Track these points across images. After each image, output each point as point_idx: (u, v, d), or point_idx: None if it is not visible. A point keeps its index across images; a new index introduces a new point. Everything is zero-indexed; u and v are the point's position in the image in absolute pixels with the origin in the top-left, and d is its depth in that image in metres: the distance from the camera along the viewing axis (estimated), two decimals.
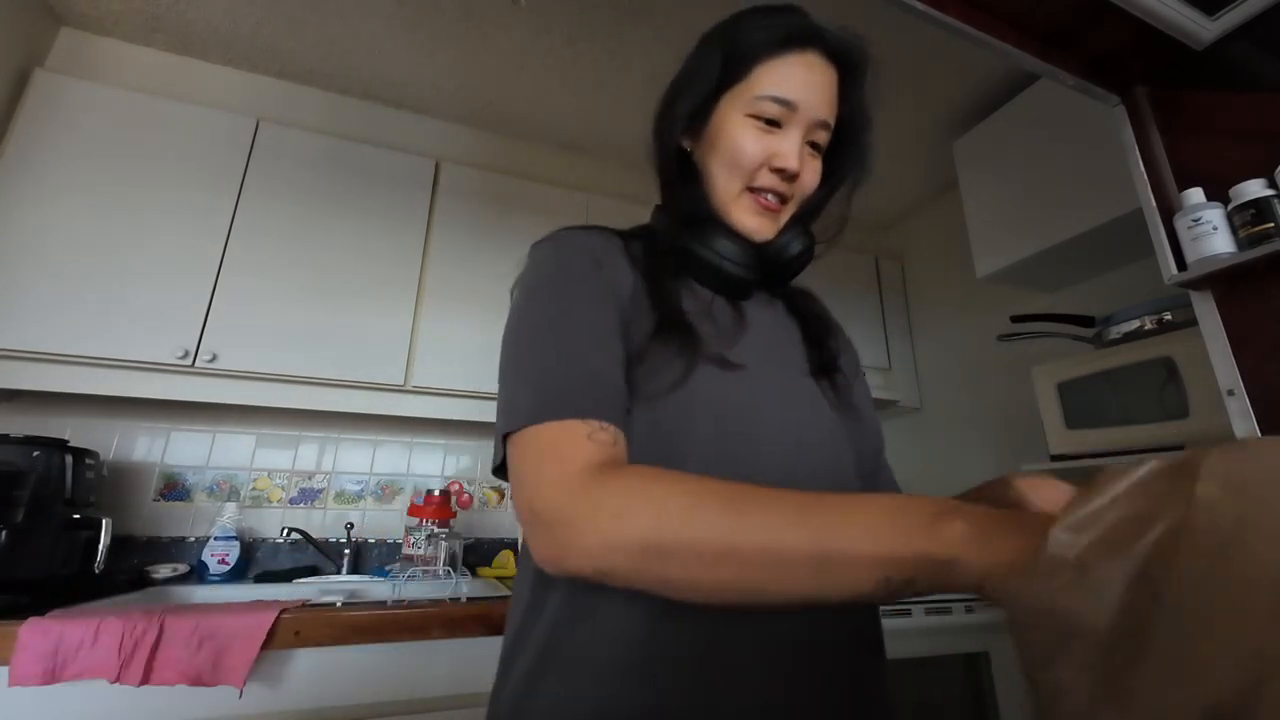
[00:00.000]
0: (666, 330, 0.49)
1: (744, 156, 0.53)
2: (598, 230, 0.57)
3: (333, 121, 1.78)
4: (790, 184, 0.54)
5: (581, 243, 0.53)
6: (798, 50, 0.52)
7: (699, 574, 0.33)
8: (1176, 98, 1.00)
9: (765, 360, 0.53)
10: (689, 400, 0.47)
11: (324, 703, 1.01)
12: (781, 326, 0.60)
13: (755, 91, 0.52)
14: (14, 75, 1.39)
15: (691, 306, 0.53)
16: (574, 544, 0.36)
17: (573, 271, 0.50)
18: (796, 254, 0.58)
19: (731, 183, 0.54)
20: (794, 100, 0.52)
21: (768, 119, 0.52)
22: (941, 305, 2.24)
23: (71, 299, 1.27)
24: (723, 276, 0.55)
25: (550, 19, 1.53)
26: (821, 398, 0.55)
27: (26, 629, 0.88)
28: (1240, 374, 0.88)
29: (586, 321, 0.47)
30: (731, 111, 0.54)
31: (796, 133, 0.53)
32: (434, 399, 1.55)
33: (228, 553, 1.43)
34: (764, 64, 0.53)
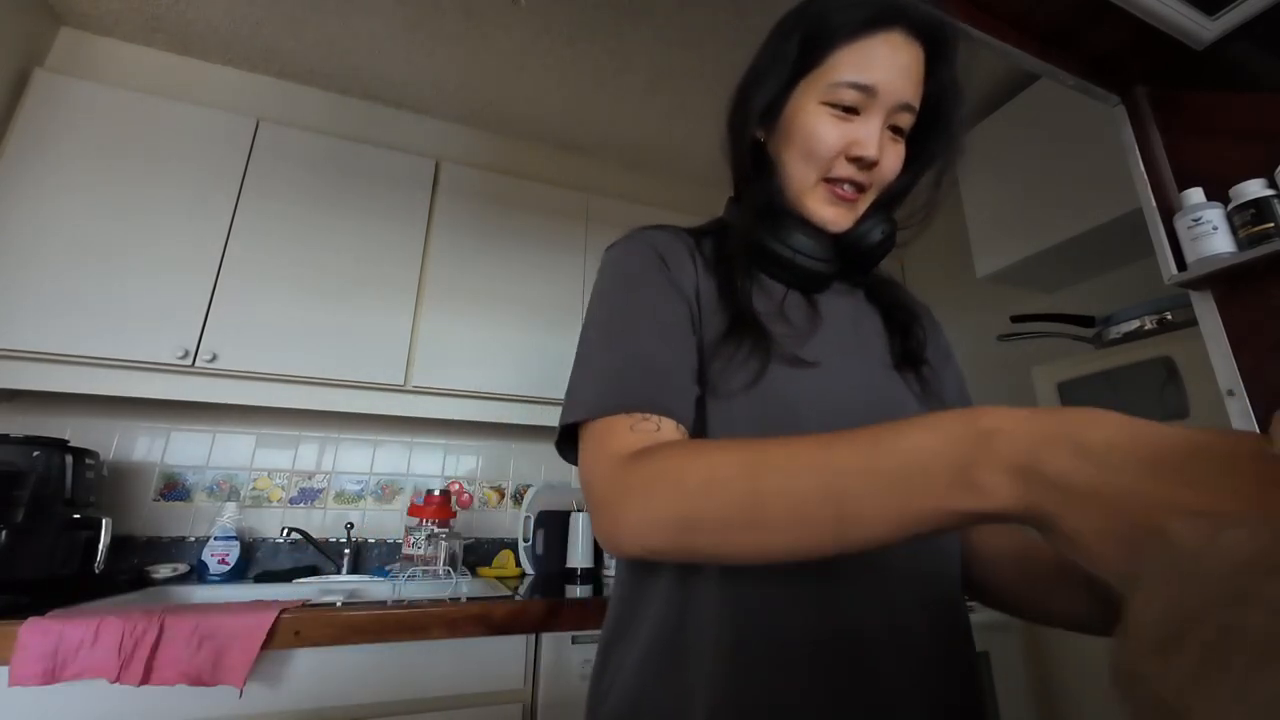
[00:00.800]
0: (738, 331, 0.49)
1: (821, 146, 0.50)
2: (668, 230, 0.57)
3: (333, 121, 1.78)
4: (869, 172, 0.51)
5: (649, 242, 0.54)
6: (880, 30, 0.49)
7: (727, 542, 0.34)
8: (1176, 98, 1.00)
9: (843, 354, 0.52)
10: (763, 399, 0.47)
11: (324, 703, 1.01)
12: (863, 317, 0.58)
13: (832, 78, 0.49)
14: (14, 75, 1.39)
15: (763, 305, 0.52)
16: (616, 527, 0.39)
17: (636, 269, 0.52)
18: (877, 242, 0.55)
19: (807, 174, 0.52)
20: (874, 85, 0.48)
21: (845, 106, 0.50)
22: (941, 305, 2.23)
23: (71, 299, 1.27)
24: (796, 271, 0.54)
25: (550, 19, 1.53)
26: (906, 390, 0.53)
27: (26, 629, 0.88)
28: (1240, 374, 0.88)
29: (645, 315, 0.49)
30: (807, 100, 0.51)
31: (877, 119, 0.50)
32: (434, 399, 1.55)
33: (228, 553, 1.43)
34: (844, 48, 0.49)
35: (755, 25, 1.55)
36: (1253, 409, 0.85)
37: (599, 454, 0.42)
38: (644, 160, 2.15)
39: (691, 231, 0.58)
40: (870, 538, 0.30)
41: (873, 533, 0.30)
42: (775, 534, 0.32)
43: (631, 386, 0.44)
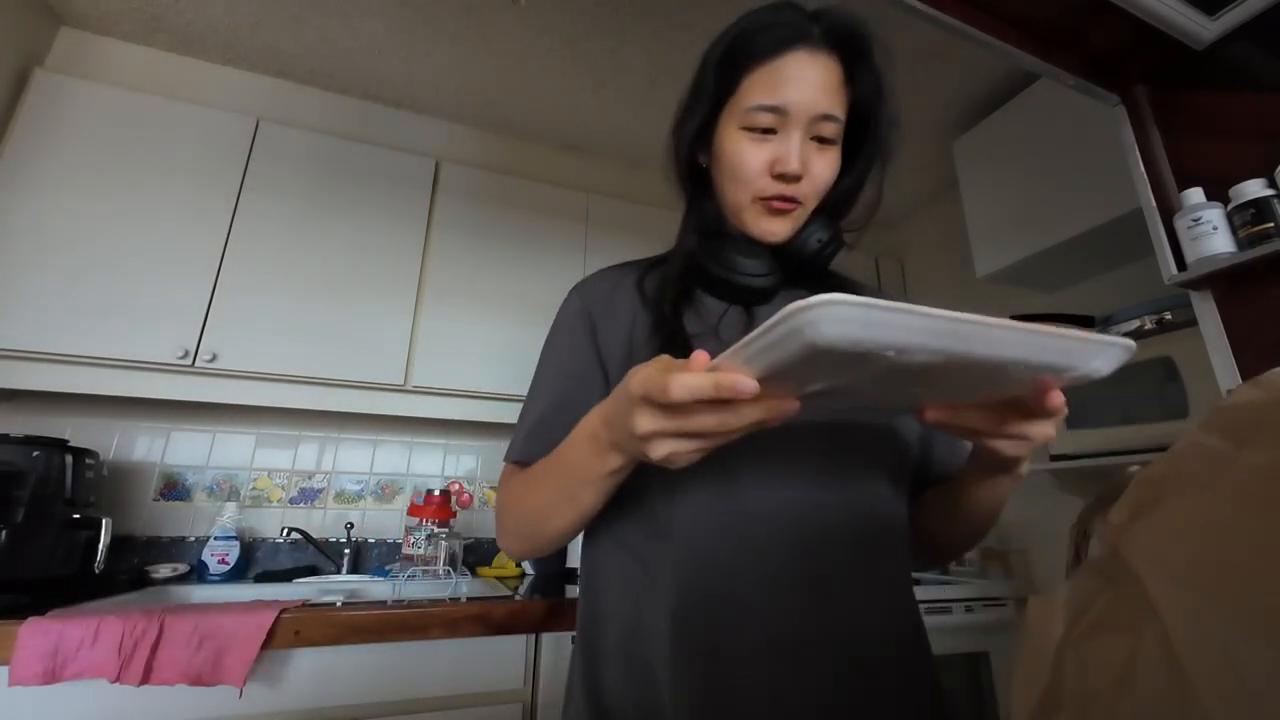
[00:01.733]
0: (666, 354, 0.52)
1: (744, 169, 0.54)
2: (615, 272, 0.63)
3: (333, 121, 1.77)
4: (796, 185, 0.54)
5: (583, 296, 0.61)
6: (784, 52, 0.52)
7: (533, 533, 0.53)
8: (1176, 98, 1.00)
9: None
10: None
11: (324, 703, 1.01)
12: None
13: (745, 103, 0.53)
14: (14, 75, 1.39)
15: (697, 326, 0.55)
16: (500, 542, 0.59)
17: (561, 327, 0.61)
18: (817, 249, 0.57)
19: (739, 195, 0.55)
20: (783, 105, 0.52)
21: (761, 128, 0.53)
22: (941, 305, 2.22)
23: (71, 299, 1.27)
24: (733, 288, 0.56)
25: (550, 19, 1.53)
26: None
27: (26, 629, 0.88)
28: (1240, 374, 0.88)
29: (552, 374, 0.59)
30: (728, 126, 0.55)
31: (795, 134, 0.52)
32: (434, 399, 1.55)
33: (228, 552, 1.43)
34: (751, 74, 0.53)
35: None
36: None
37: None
38: (644, 160, 2.15)
39: (646, 263, 0.64)
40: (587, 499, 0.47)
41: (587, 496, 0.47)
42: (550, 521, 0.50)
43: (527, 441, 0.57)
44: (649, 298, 0.58)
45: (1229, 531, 0.17)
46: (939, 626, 1.48)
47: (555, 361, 0.60)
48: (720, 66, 0.55)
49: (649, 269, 0.62)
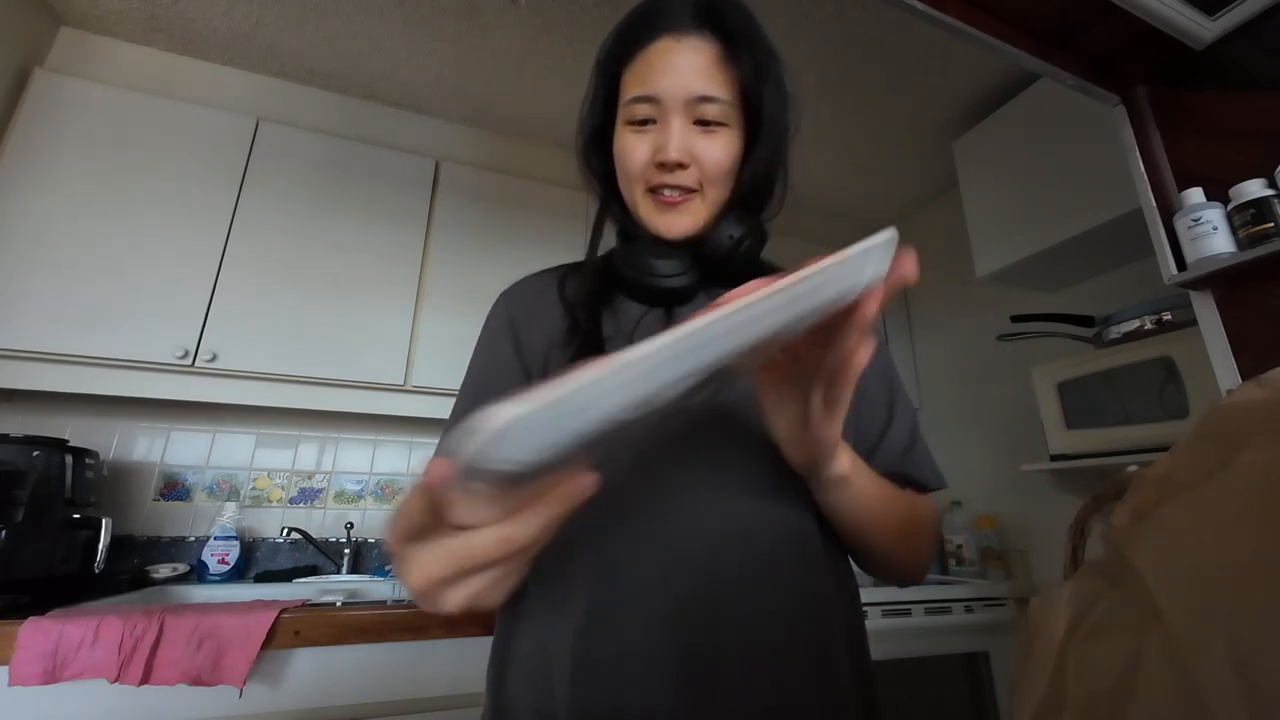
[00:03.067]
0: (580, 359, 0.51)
1: (628, 163, 0.53)
2: (540, 278, 0.62)
3: (332, 121, 1.77)
4: (684, 173, 0.51)
5: (509, 301, 0.60)
6: (650, 42, 0.52)
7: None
8: (1176, 98, 1.00)
9: None
10: None
11: (324, 703, 1.01)
12: None
13: (624, 98, 0.53)
14: (14, 75, 1.39)
15: (611, 330, 0.54)
16: None
17: (485, 335, 0.60)
18: (730, 245, 0.53)
19: (631, 190, 0.55)
20: (653, 93, 0.51)
21: (640, 120, 0.53)
22: (941, 305, 2.24)
23: (71, 299, 1.27)
24: (647, 290, 0.54)
25: (550, 19, 1.53)
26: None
27: (26, 629, 0.88)
28: (1240, 374, 0.88)
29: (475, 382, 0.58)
30: (618, 127, 0.55)
31: (672, 121, 0.51)
32: (434, 399, 1.55)
33: (228, 552, 1.43)
34: (627, 70, 0.54)
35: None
36: None
37: None
38: None
39: (567, 267, 0.63)
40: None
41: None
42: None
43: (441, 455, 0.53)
44: (567, 301, 0.57)
45: (1231, 533, 0.17)
46: (939, 627, 1.48)
47: (478, 373, 0.59)
48: (602, 67, 0.56)
49: (570, 272, 0.61)
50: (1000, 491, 1.85)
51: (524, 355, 0.56)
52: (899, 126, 1.90)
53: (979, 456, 1.97)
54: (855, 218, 2.48)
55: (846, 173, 2.15)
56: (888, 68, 1.62)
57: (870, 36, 1.48)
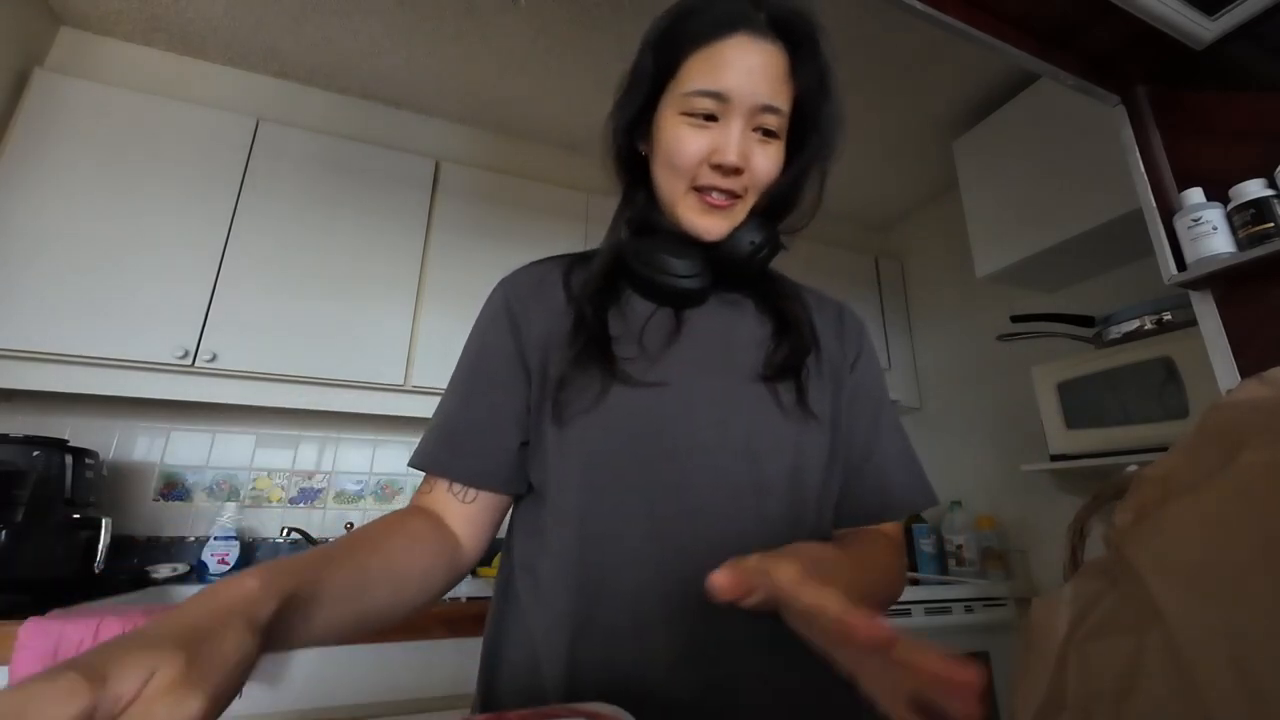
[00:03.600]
0: (584, 357, 0.50)
1: (680, 157, 0.50)
2: (541, 267, 0.59)
3: (333, 121, 1.77)
4: (736, 178, 0.51)
5: (509, 290, 0.57)
6: (725, 36, 0.49)
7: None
8: (1176, 98, 1.00)
9: (700, 371, 0.52)
10: (605, 420, 0.49)
11: (324, 703, 1.01)
12: (739, 329, 0.56)
13: (684, 88, 0.50)
14: (14, 75, 1.39)
15: (620, 328, 0.53)
16: None
17: (480, 325, 0.58)
18: (749, 251, 0.53)
19: (674, 185, 0.52)
20: (724, 90, 0.48)
21: (703, 114, 0.50)
22: (941, 305, 2.24)
23: (71, 299, 1.27)
24: (660, 290, 0.53)
25: (550, 19, 1.53)
26: (770, 402, 0.52)
27: (26, 629, 0.88)
28: (1240, 374, 0.88)
29: (467, 375, 0.55)
30: (667, 112, 0.52)
31: (736, 124, 0.49)
32: (433, 399, 1.54)
33: (228, 553, 1.43)
34: (692, 57, 0.50)
35: None
36: None
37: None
38: None
39: (573, 257, 0.61)
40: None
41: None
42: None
43: (433, 448, 0.53)
44: (574, 294, 0.55)
45: (1232, 532, 0.17)
46: (939, 626, 1.48)
47: (472, 361, 0.56)
48: (659, 48, 0.52)
49: (576, 262, 0.59)
50: (1000, 491, 1.85)
51: (522, 346, 0.54)
52: (899, 126, 1.90)
53: (979, 456, 1.97)
54: (856, 217, 2.48)
55: (847, 172, 2.15)
56: (888, 68, 1.62)
57: (870, 36, 1.48)
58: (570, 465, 0.49)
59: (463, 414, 0.53)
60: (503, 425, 0.52)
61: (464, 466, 0.51)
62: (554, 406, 0.50)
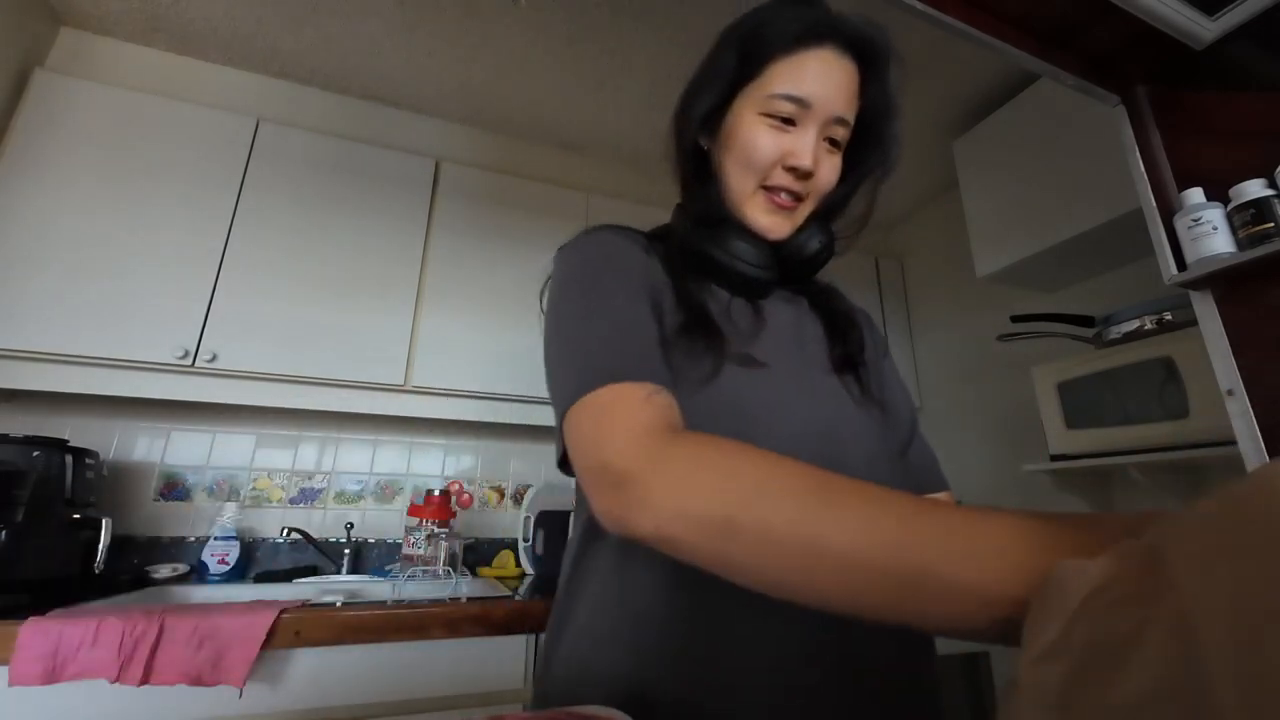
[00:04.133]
0: (693, 329, 0.50)
1: (757, 155, 0.53)
2: (620, 229, 0.58)
3: (333, 121, 1.77)
4: (805, 182, 0.53)
5: (607, 237, 0.55)
6: (813, 46, 0.52)
7: (764, 562, 0.30)
8: (1176, 98, 1.00)
9: (786, 358, 0.54)
10: (715, 397, 0.49)
11: (324, 703, 1.01)
12: (804, 324, 0.60)
13: (769, 90, 0.52)
14: (14, 75, 1.39)
15: (713, 308, 0.54)
16: (641, 504, 0.35)
17: (603, 262, 0.52)
18: (814, 252, 0.58)
19: (745, 182, 0.54)
20: (807, 97, 0.51)
21: (782, 117, 0.52)
22: (941, 305, 2.24)
23: (71, 299, 1.27)
24: (739, 278, 0.56)
25: (550, 19, 1.53)
26: (845, 394, 0.55)
27: (26, 629, 0.88)
28: (1240, 374, 0.88)
29: (623, 302, 0.48)
30: (746, 110, 0.54)
31: (812, 130, 0.52)
32: (434, 399, 1.55)
33: (228, 552, 1.43)
34: (778, 61, 0.52)
35: None
36: (1253, 409, 0.85)
37: (612, 425, 0.38)
38: (644, 160, 2.15)
39: (648, 234, 0.61)
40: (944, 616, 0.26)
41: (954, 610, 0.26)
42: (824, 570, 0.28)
43: (632, 361, 0.42)
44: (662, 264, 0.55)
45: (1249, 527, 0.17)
46: None
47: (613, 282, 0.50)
48: (745, 46, 0.54)
49: (651, 240, 0.59)
50: (1000, 491, 1.85)
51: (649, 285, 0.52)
52: None
53: (979, 456, 1.97)
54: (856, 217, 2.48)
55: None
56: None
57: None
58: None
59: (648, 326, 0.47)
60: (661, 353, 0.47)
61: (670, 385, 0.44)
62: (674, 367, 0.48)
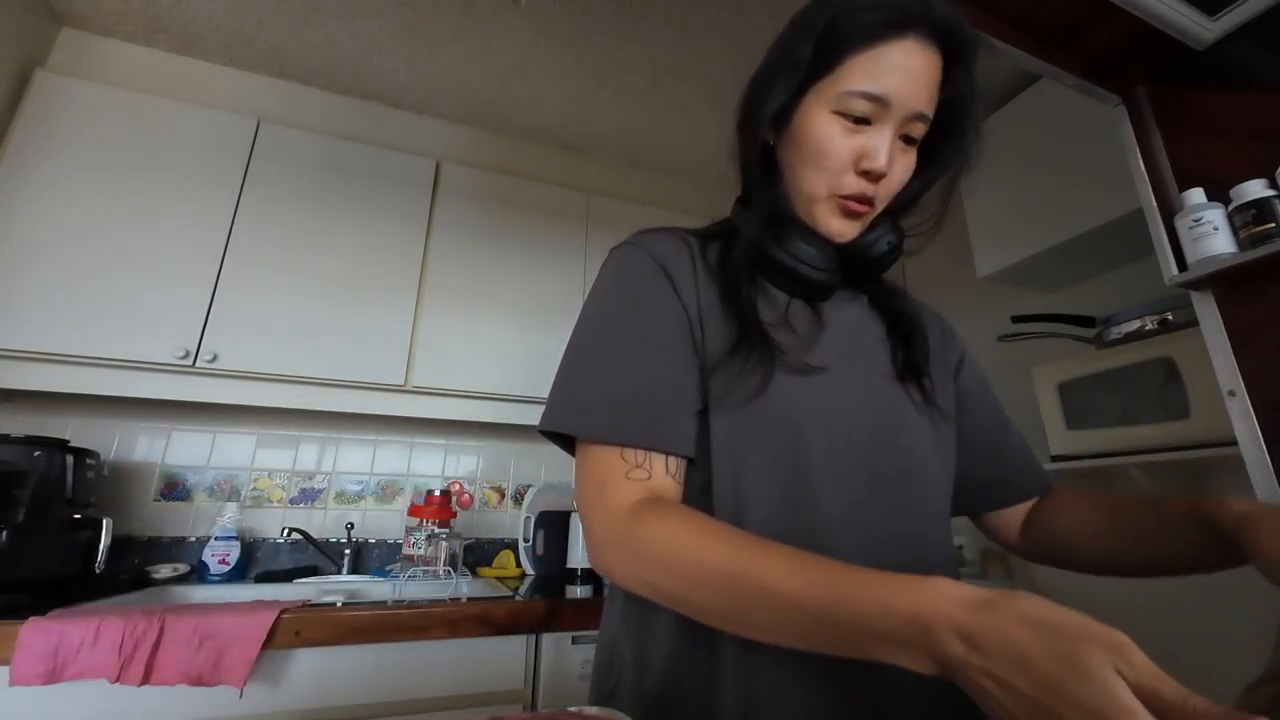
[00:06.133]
0: (745, 342, 0.49)
1: (830, 159, 0.49)
2: (674, 235, 0.56)
3: (333, 121, 1.78)
4: (878, 184, 0.50)
5: (652, 250, 0.53)
6: (895, 38, 0.47)
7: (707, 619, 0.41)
8: (1177, 98, 1.00)
9: (847, 361, 0.53)
10: (767, 409, 0.48)
11: (324, 703, 1.01)
12: (866, 325, 0.57)
13: (844, 86, 0.48)
14: (15, 75, 1.39)
15: (768, 314, 0.52)
16: (609, 570, 0.46)
17: (639, 279, 0.52)
18: (882, 253, 0.55)
19: (816, 185, 0.51)
20: (886, 95, 0.47)
21: (856, 116, 0.48)
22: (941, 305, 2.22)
23: (72, 299, 1.27)
24: (800, 280, 0.53)
25: (550, 19, 1.53)
26: (907, 400, 0.53)
27: (27, 629, 0.88)
28: (1241, 374, 0.88)
29: (647, 333, 0.50)
30: (817, 107, 0.49)
31: (888, 130, 0.48)
32: (434, 399, 1.55)
33: (228, 553, 1.43)
34: (857, 55, 0.47)
35: (757, 25, 1.54)
36: (1253, 409, 0.85)
37: (596, 499, 0.47)
38: (644, 160, 2.15)
39: (697, 234, 0.58)
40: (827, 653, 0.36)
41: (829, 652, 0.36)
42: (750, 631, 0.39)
43: (628, 418, 0.47)
44: (715, 272, 0.53)
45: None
46: None
47: (638, 324, 0.50)
48: (821, 38, 0.49)
49: (706, 241, 0.57)
50: None
51: (685, 307, 0.51)
52: None
53: None
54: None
55: None
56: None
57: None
58: (734, 451, 0.48)
59: (652, 380, 0.48)
60: (687, 390, 0.49)
61: (671, 437, 0.47)
62: (714, 390, 0.48)
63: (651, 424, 0.47)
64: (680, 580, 0.40)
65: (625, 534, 0.44)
